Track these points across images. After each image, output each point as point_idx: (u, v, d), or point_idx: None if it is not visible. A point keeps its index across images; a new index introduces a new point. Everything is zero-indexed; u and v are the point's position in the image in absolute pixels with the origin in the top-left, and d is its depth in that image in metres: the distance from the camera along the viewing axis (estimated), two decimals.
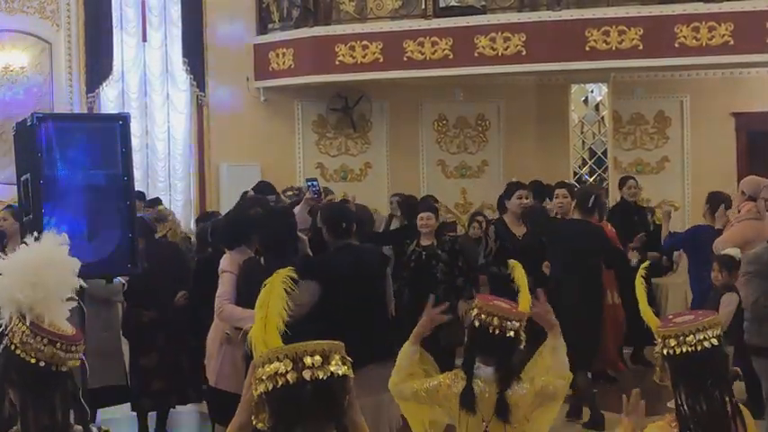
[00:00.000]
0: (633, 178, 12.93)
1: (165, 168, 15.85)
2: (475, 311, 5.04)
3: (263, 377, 2.88)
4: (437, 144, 17.21)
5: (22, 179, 6.84)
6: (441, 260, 9.80)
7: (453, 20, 14.86)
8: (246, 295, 7.35)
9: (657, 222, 12.36)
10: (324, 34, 15.48)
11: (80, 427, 3.59)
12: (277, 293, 3.13)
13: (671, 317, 4.06)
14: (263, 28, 16.30)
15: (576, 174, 14.89)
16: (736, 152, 16.71)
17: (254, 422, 2.97)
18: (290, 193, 13.11)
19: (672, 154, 16.90)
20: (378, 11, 15.43)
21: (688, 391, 3.87)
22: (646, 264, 4.50)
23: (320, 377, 2.88)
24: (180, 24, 15.78)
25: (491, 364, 5.02)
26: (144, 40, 15.68)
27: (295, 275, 3.22)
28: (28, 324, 3.46)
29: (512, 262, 5.45)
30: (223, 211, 12.82)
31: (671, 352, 3.88)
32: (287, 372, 2.86)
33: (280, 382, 2.86)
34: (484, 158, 17.33)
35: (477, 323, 5.01)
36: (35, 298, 3.49)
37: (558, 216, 10.75)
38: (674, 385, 3.92)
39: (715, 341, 3.86)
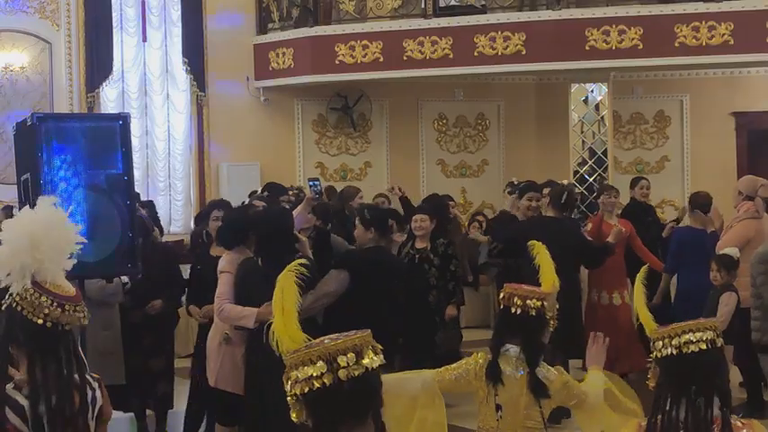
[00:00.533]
0: (645, 178, 12.82)
1: (165, 168, 15.84)
2: (501, 295, 5.20)
3: (299, 380, 2.84)
4: (437, 143, 17.21)
5: (21, 179, 6.85)
6: (433, 264, 9.77)
7: (453, 19, 14.86)
8: (243, 295, 7.37)
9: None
10: (324, 34, 15.48)
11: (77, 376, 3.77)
12: (290, 286, 3.05)
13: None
14: (262, 27, 16.31)
15: (576, 173, 14.88)
16: (736, 151, 16.72)
17: (292, 416, 2.91)
18: (290, 192, 13.12)
19: (672, 153, 16.91)
20: (377, 10, 15.43)
21: (671, 396, 3.67)
22: (645, 267, 4.43)
23: (356, 375, 2.83)
24: (180, 24, 15.78)
25: (517, 344, 5.12)
26: (144, 39, 15.67)
27: (305, 266, 3.16)
28: (32, 286, 3.66)
29: (532, 243, 5.44)
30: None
31: (658, 355, 3.72)
32: (322, 374, 2.81)
33: (316, 385, 2.82)
34: (484, 158, 17.33)
35: (502, 305, 5.18)
36: (40, 260, 3.67)
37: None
38: (656, 388, 3.74)
39: (704, 345, 3.64)
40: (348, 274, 7.51)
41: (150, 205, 12.94)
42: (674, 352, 3.66)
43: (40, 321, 3.63)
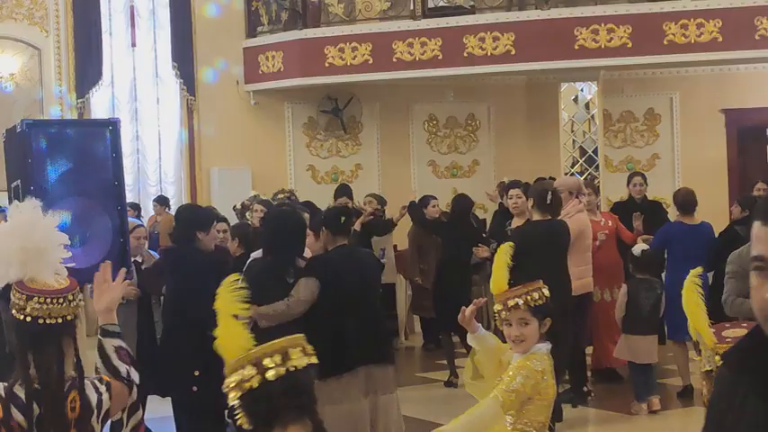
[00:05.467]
0: (641, 175, 12.85)
1: (156, 173, 15.85)
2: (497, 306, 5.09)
3: (231, 386, 3.04)
4: (428, 144, 17.23)
5: (12, 186, 6.83)
6: None
7: (442, 20, 14.88)
8: (252, 294, 7.37)
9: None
10: (313, 36, 15.49)
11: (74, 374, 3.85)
12: (229, 300, 3.29)
13: (715, 330, 3.72)
14: (252, 31, 16.30)
15: (567, 172, 14.89)
16: (726, 148, 16.75)
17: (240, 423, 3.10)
18: (281, 195, 13.15)
19: (662, 151, 16.93)
20: (366, 12, 15.44)
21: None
22: (698, 270, 4.15)
23: (282, 374, 3.00)
24: (169, 29, 15.78)
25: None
26: (133, 44, 15.68)
27: (239, 281, 3.41)
28: (15, 286, 3.79)
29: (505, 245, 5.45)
30: None
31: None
32: (251, 377, 3.01)
33: (246, 387, 3.01)
34: (475, 158, 17.35)
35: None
36: (27, 261, 3.80)
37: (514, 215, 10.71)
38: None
39: None
40: (316, 281, 7.49)
41: (136, 208, 12.99)
42: None
43: (21, 317, 3.76)
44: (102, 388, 3.90)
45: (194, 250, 8.10)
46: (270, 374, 2.99)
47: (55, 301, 3.77)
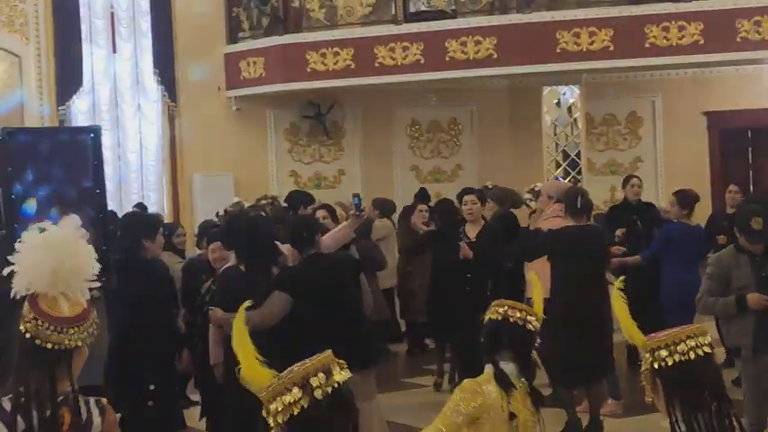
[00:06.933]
0: (636, 177, 12.80)
1: (137, 180, 15.77)
2: (495, 309, 5.04)
3: (279, 410, 2.99)
4: (410, 149, 17.21)
5: None
6: None
7: (424, 24, 14.86)
8: (226, 301, 7.34)
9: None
10: (294, 42, 15.44)
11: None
12: (241, 331, 3.22)
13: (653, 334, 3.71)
14: (233, 37, 16.26)
15: (549, 176, 14.90)
16: (709, 151, 16.78)
17: None
18: (264, 201, 13.14)
19: (645, 154, 16.95)
20: (348, 17, 15.41)
21: (684, 406, 3.56)
22: (621, 279, 4.27)
23: (330, 391, 3.00)
24: (150, 35, 15.72)
25: (510, 359, 4.99)
26: (114, 51, 15.60)
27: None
28: (29, 296, 3.72)
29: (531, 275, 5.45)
30: (198, 222, 12.82)
31: (662, 364, 3.57)
32: (299, 399, 2.98)
33: (296, 410, 2.98)
34: (458, 162, 17.33)
35: (498, 317, 4.99)
36: (54, 282, 3.72)
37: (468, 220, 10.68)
38: (668, 403, 3.60)
39: (707, 349, 3.57)
40: (288, 295, 7.47)
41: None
42: (682, 359, 3.55)
43: (23, 329, 3.71)
44: (96, 411, 3.83)
45: (142, 262, 8.02)
46: (318, 393, 2.97)
47: (56, 328, 3.71)
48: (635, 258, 10.94)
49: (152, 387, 7.69)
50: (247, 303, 3.49)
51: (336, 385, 3.01)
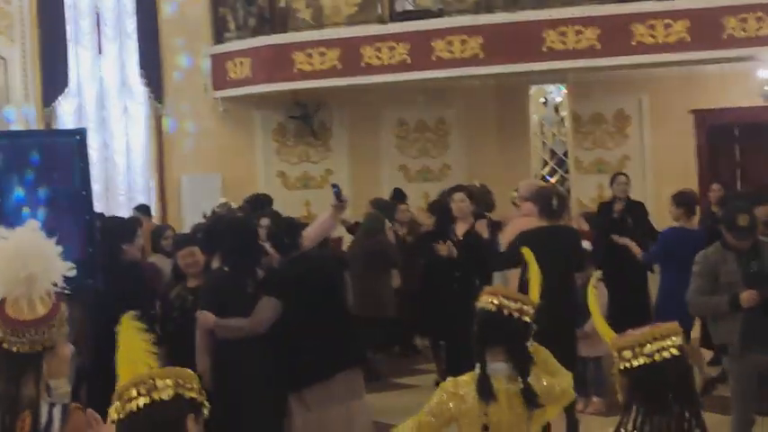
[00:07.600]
0: (624, 174, 12.80)
1: (124, 182, 15.73)
2: (489, 298, 4.69)
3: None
4: (398, 149, 17.20)
5: None
6: None
7: (410, 24, 14.83)
8: (214, 304, 7.33)
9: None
10: (281, 42, 15.41)
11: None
12: (133, 341, 3.46)
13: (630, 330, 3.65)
14: (219, 37, 16.22)
15: (537, 175, 14.88)
16: (696, 149, 16.79)
17: None
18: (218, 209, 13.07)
19: (632, 152, 16.95)
20: (334, 17, 15.39)
21: (644, 408, 3.48)
22: (597, 274, 4.20)
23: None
24: (135, 36, 15.67)
25: (502, 356, 4.67)
26: (99, 52, 15.56)
27: (138, 321, 3.52)
28: None
29: (525, 251, 5.14)
30: (186, 223, 12.79)
31: (627, 366, 3.51)
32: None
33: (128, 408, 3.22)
34: (445, 162, 17.32)
35: (492, 308, 4.65)
36: (20, 290, 3.73)
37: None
38: (626, 404, 3.54)
39: (675, 351, 3.49)
40: (277, 300, 7.45)
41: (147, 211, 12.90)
42: (647, 361, 3.49)
43: None
44: (57, 414, 3.81)
45: (122, 266, 8.01)
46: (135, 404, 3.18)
47: (21, 332, 3.72)
48: (638, 250, 10.97)
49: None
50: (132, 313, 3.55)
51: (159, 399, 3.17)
